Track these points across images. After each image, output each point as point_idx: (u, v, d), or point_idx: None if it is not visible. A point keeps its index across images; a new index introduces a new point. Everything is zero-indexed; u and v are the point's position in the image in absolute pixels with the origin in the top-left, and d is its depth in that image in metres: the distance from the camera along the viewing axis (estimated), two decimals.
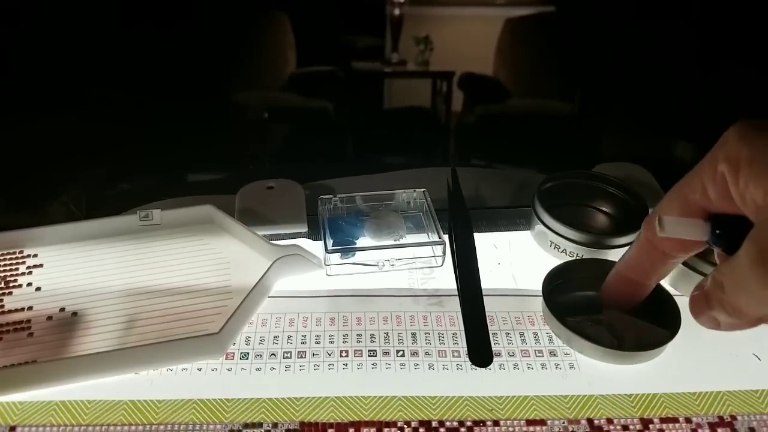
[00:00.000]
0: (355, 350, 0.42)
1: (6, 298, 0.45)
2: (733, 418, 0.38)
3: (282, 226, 0.51)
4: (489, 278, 0.47)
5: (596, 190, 0.52)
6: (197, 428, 0.37)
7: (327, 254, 0.46)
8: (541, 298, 0.44)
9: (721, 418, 0.38)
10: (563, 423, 0.38)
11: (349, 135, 0.73)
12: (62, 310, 0.44)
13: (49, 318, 0.44)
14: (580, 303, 0.44)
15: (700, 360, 0.42)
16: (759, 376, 0.41)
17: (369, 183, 0.59)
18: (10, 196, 0.71)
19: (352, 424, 0.38)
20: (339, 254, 0.47)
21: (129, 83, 0.63)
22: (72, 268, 0.48)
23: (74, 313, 0.44)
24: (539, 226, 0.49)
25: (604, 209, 0.52)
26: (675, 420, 0.38)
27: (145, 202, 0.59)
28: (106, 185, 0.77)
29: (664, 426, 0.38)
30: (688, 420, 0.38)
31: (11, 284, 0.47)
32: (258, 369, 0.41)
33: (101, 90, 0.63)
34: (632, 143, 0.71)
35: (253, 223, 0.50)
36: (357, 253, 0.47)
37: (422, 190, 0.51)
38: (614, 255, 0.47)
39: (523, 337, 0.43)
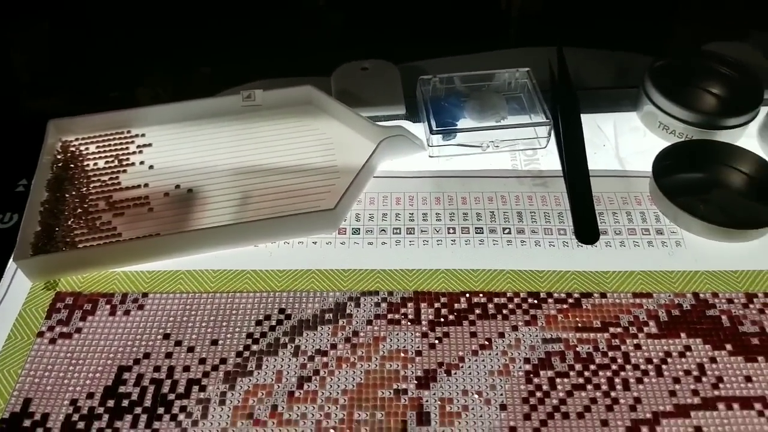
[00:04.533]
0: (462, 227, 0.43)
1: (122, 176, 0.48)
2: None
3: (379, 107, 0.51)
4: (594, 159, 0.46)
5: (708, 71, 0.50)
6: (318, 295, 0.40)
7: (431, 135, 0.46)
8: (649, 178, 0.43)
9: None
10: (669, 296, 0.39)
11: None
12: (177, 186, 0.46)
13: (166, 194, 0.46)
14: (689, 183, 0.44)
15: None
16: None
17: (462, 64, 0.57)
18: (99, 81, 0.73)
19: (463, 293, 0.39)
20: (441, 135, 0.47)
21: None
22: (180, 146, 0.49)
23: (189, 190, 0.46)
24: (648, 107, 0.48)
25: (713, 90, 0.50)
26: None
27: (228, 86, 0.59)
28: (190, 69, 0.77)
29: None
30: None
31: (124, 162, 0.49)
32: (370, 243, 0.42)
33: None
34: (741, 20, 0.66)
35: (350, 105, 0.50)
36: (458, 134, 0.47)
37: (526, 69, 0.49)
38: (724, 136, 0.45)
39: (629, 216, 0.43)
